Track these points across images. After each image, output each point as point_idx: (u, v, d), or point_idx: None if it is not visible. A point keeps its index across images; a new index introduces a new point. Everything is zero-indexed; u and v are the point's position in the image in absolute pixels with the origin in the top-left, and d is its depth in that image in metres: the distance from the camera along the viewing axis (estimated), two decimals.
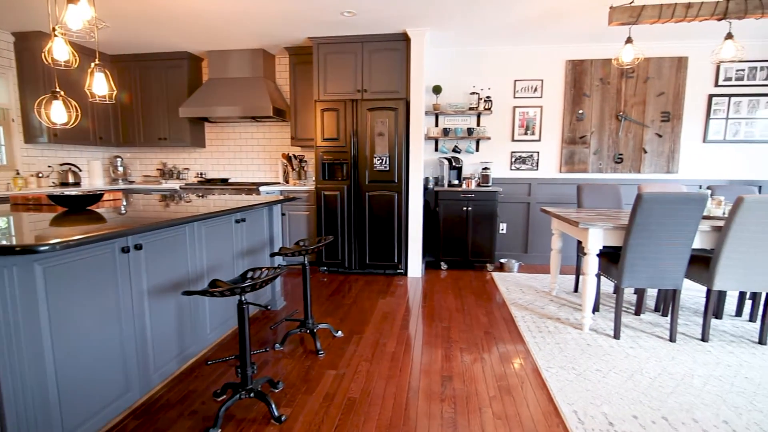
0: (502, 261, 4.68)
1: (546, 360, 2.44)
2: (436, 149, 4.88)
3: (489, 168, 4.59)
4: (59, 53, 2.34)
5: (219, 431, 1.78)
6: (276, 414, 1.86)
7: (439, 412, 1.95)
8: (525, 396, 2.08)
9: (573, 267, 4.69)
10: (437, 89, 4.60)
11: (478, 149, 4.83)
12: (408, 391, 2.12)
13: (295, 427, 1.82)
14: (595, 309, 3.24)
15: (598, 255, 2.84)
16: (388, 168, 4.18)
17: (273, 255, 2.52)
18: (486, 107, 4.58)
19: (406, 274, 4.37)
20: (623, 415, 1.89)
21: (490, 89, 4.72)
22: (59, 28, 2.33)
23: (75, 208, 2.27)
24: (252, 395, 1.91)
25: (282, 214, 4.57)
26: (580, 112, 4.64)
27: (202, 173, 5.36)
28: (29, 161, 4.37)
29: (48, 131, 4.23)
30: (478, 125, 4.78)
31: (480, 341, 2.73)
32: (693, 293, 3.71)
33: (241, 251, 2.81)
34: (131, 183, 5.32)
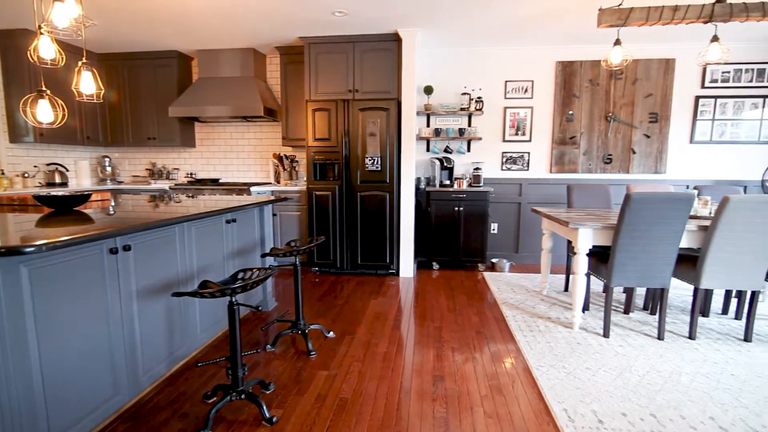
0: (493, 261, 4.71)
1: (537, 359, 2.46)
2: (427, 149, 4.89)
3: (480, 168, 4.61)
4: (45, 51, 2.30)
5: None
6: (267, 415, 1.85)
7: (431, 411, 1.95)
8: (516, 395, 2.10)
9: (563, 266, 4.74)
10: (429, 90, 4.61)
11: (469, 150, 4.85)
12: (400, 391, 2.13)
13: (287, 429, 1.82)
14: (585, 308, 3.27)
15: (587, 254, 2.87)
16: (379, 168, 4.18)
17: (264, 256, 2.51)
18: (477, 108, 4.60)
19: (398, 274, 4.38)
20: (612, 413, 1.92)
21: (481, 90, 4.75)
22: (45, 26, 2.30)
23: (62, 208, 2.24)
24: (243, 397, 1.90)
25: (273, 214, 4.55)
26: (570, 113, 4.68)
27: (192, 173, 5.31)
28: (15, 161, 4.30)
29: (34, 131, 4.16)
30: (469, 126, 4.80)
31: (471, 341, 2.75)
32: (680, 292, 3.76)
33: (232, 252, 2.79)
34: (120, 183, 5.25)
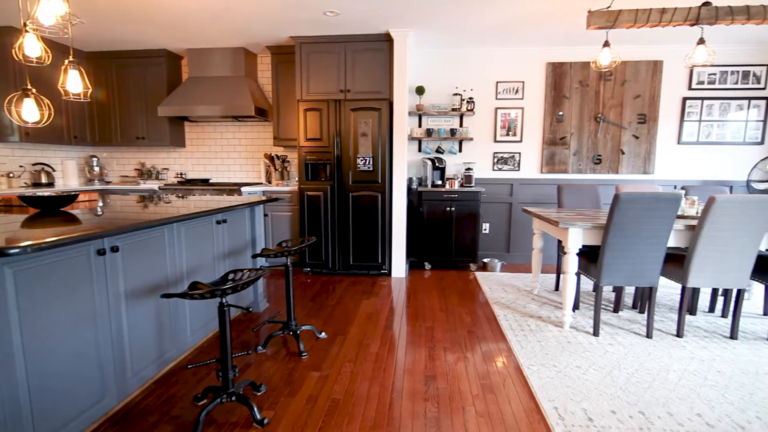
0: (485, 260, 4.74)
1: (528, 358, 2.47)
2: (419, 150, 4.90)
3: (472, 168, 4.63)
4: (31, 49, 2.27)
5: None
6: (258, 417, 1.84)
7: (423, 411, 1.96)
8: (507, 394, 2.11)
9: (554, 266, 4.78)
10: (420, 90, 4.62)
11: (461, 150, 4.87)
12: (392, 391, 2.13)
13: (278, 430, 1.80)
14: (576, 307, 3.30)
15: (577, 254, 2.90)
16: (371, 168, 4.18)
17: (255, 256, 2.49)
18: (468, 108, 4.62)
19: (390, 274, 4.38)
20: (602, 411, 1.94)
21: (472, 90, 4.77)
22: (31, 23, 2.26)
23: (48, 209, 2.20)
24: (233, 399, 1.88)
25: (265, 214, 4.52)
26: (560, 113, 4.72)
27: (182, 173, 5.26)
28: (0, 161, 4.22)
29: (19, 130, 4.08)
30: (460, 126, 4.82)
31: (463, 340, 2.76)
32: (668, 290, 3.82)
33: (223, 253, 2.76)
34: (108, 183, 5.18)
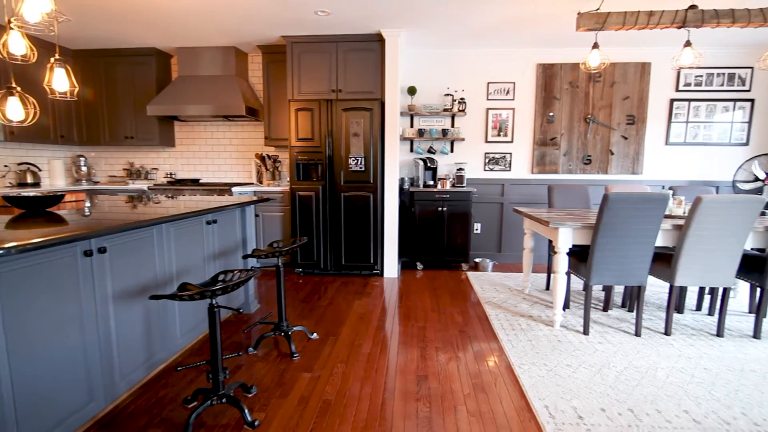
0: (476, 260, 4.76)
1: (519, 357, 2.49)
2: (411, 150, 4.91)
3: (463, 169, 4.65)
4: (15, 47, 2.22)
5: None
6: (249, 419, 1.82)
7: (415, 411, 1.96)
8: (498, 393, 2.12)
9: (545, 266, 4.81)
10: (412, 90, 4.63)
11: (452, 150, 4.89)
12: (384, 392, 2.12)
13: None
14: (566, 306, 3.33)
15: (567, 253, 2.92)
16: (363, 168, 4.17)
17: (246, 257, 2.47)
18: (460, 109, 4.64)
19: (382, 274, 4.37)
20: (592, 409, 1.95)
21: (464, 91, 4.79)
22: (15, 20, 2.21)
23: (33, 210, 2.16)
24: (224, 401, 1.87)
25: (256, 215, 4.49)
26: (550, 114, 4.76)
27: (171, 173, 5.20)
28: None
29: (4, 129, 4.00)
30: (452, 126, 4.84)
31: (455, 340, 2.76)
32: (657, 289, 3.87)
33: (213, 253, 2.74)
34: (96, 183, 5.10)
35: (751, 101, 4.67)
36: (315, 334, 2.84)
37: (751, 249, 2.98)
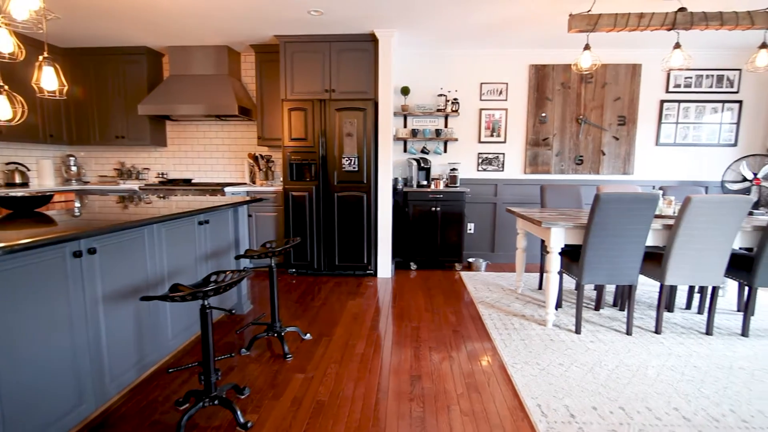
0: (470, 260, 4.77)
1: (512, 356, 2.50)
2: (404, 150, 4.91)
3: (457, 169, 4.66)
4: (3, 45, 2.19)
5: None
6: (242, 421, 1.81)
7: (408, 411, 1.96)
8: (491, 392, 2.13)
9: (537, 265, 4.84)
10: (405, 90, 4.63)
11: (446, 150, 4.90)
12: (377, 392, 2.12)
13: None
14: (558, 305, 3.35)
15: (560, 253, 2.94)
16: (356, 169, 4.17)
17: (239, 257, 2.46)
18: (453, 109, 4.65)
19: (375, 274, 4.37)
20: (583, 407, 1.97)
21: (457, 91, 4.80)
22: (3, 18, 2.18)
23: (21, 210, 2.13)
24: (216, 402, 1.85)
25: (249, 215, 4.47)
26: (543, 115, 4.79)
27: (163, 173, 5.15)
28: None
29: None
30: (445, 127, 4.85)
31: (448, 340, 2.77)
32: (647, 288, 3.91)
33: (205, 254, 2.72)
34: (86, 183, 5.04)
35: (739, 103, 4.74)
36: (308, 334, 2.83)
37: (739, 248, 3.02)
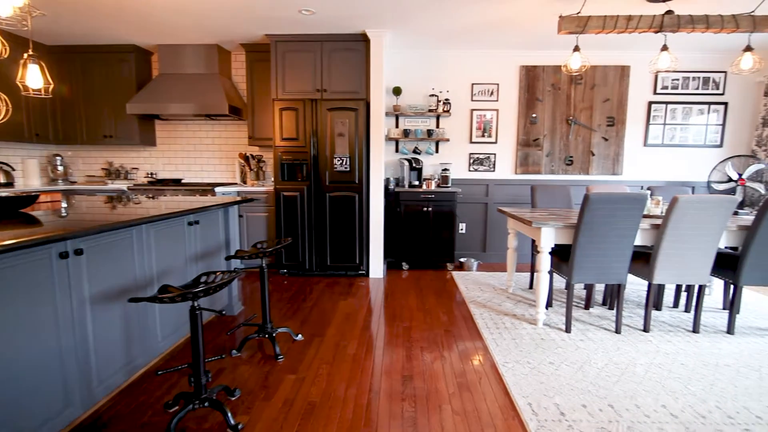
0: (461, 260, 4.79)
1: (503, 355, 2.52)
2: (396, 150, 4.91)
3: (448, 169, 4.68)
4: None
5: None
6: (232, 422, 1.79)
7: (400, 411, 1.96)
8: (483, 391, 2.14)
9: (528, 265, 4.88)
10: (397, 91, 4.64)
11: (437, 151, 4.91)
12: (369, 392, 2.12)
13: None
14: (549, 305, 3.38)
15: (550, 253, 2.97)
16: (348, 169, 4.16)
17: (229, 258, 2.44)
18: (445, 109, 4.67)
19: (367, 275, 4.37)
20: (573, 405, 1.99)
21: (448, 92, 4.82)
22: None
23: (5, 210, 2.09)
24: (206, 404, 1.83)
25: (240, 215, 4.43)
26: (533, 115, 4.83)
27: (152, 173, 5.09)
28: None
29: None
30: (437, 127, 4.86)
31: (440, 339, 2.78)
32: (636, 287, 3.96)
33: (195, 255, 2.69)
34: (73, 183, 4.96)
35: (725, 104, 4.82)
36: (300, 335, 2.82)
37: (725, 247, 3.07)
